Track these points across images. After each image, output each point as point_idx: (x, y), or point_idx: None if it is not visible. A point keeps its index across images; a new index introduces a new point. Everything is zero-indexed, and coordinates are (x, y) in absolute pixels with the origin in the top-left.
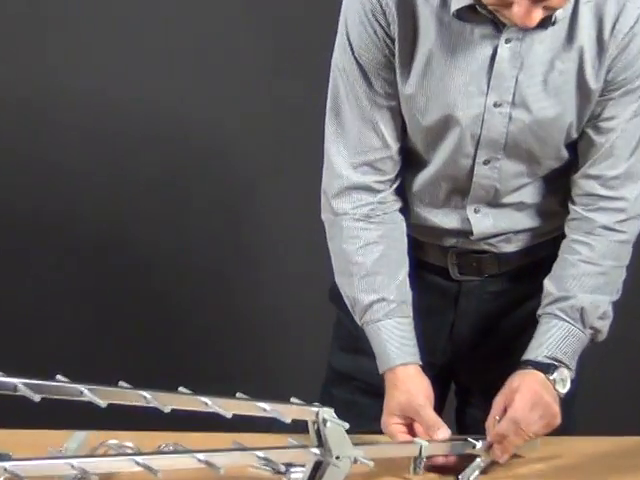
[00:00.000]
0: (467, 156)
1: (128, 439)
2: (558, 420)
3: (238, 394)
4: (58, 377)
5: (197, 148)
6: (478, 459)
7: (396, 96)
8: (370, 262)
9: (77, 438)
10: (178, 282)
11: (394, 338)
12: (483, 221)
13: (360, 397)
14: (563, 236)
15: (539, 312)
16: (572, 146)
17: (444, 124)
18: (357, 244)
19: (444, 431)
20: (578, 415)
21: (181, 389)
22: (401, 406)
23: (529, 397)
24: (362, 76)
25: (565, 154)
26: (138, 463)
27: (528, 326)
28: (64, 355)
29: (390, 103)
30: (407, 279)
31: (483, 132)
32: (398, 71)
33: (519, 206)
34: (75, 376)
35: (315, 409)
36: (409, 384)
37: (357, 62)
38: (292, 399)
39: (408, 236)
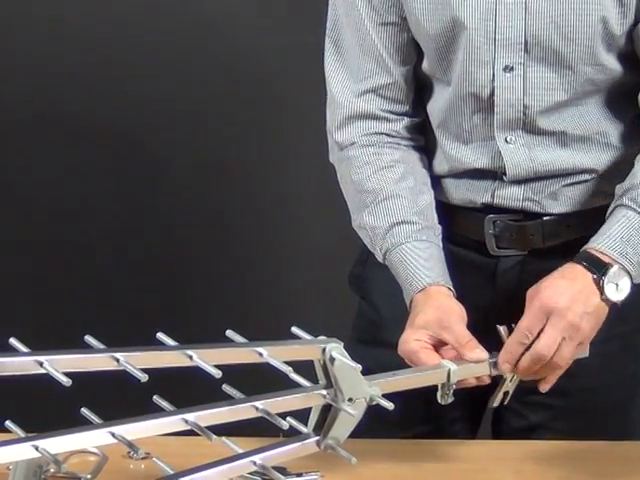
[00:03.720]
0: (484, 64)
1: None
2: (589, 335)
3: (229, 331)
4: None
5: None
6: (507, 380)
7: (396, 9)
8: (386, 186)
9: None
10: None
11: (423, 258)
12: (517, 153)
13: None
14: None
15: (608, 212)
16: (625, 57)
17: (451, 30)
18: (368, 171)
19: (479, 352)
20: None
21: (160, 335)
22: (430, 322)
23: (540, 314)
24: None
25: (608, 61)
26: (114, 435)
27: None
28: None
29: (390, 19)
30: (433, 209)
31: (498, 31)
32: None
33: (561, 137)
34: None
35: (321, 345)
36: (442, 300)
37: None
38: (293, 328)
39: (438, 202)
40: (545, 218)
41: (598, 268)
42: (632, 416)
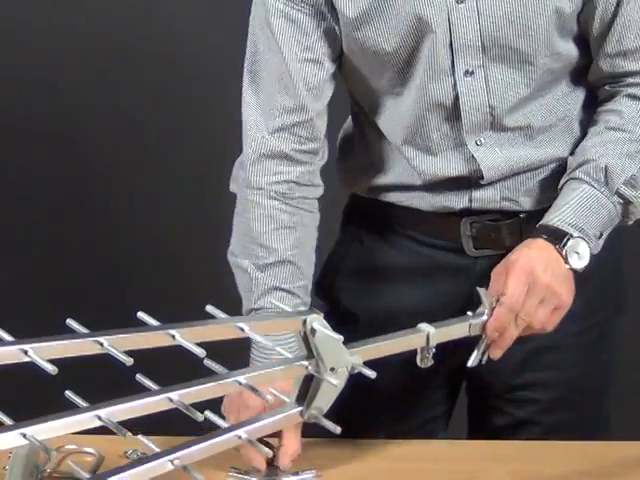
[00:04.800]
0: (445, 71)
1: (87, 443)
2: (566, 300)
3: (208, 307)
4: None
5: None
6: (485, 340)
7: (321, 43)
8: (282, 249)
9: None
10: None
11: (288, 339)
12: (490, 154)
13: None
14: None
15: (560, 184)
16: (576, 40)
17: (415, 35)
18: (270, 225)
19: None
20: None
21: (141, 315)
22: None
23: (523, 278)
24: (287, 21)
25: (563, 48)
26: (100, 418)
27: None
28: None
29: (311, 56)
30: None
31: (454, 37)
32: None
33: (527, 132)
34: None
35: (302, 317)
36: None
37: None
38: (272, 300)
39: (414, 211)
40: (522, 215)
41: (558, 239)
42: (612, 404)
